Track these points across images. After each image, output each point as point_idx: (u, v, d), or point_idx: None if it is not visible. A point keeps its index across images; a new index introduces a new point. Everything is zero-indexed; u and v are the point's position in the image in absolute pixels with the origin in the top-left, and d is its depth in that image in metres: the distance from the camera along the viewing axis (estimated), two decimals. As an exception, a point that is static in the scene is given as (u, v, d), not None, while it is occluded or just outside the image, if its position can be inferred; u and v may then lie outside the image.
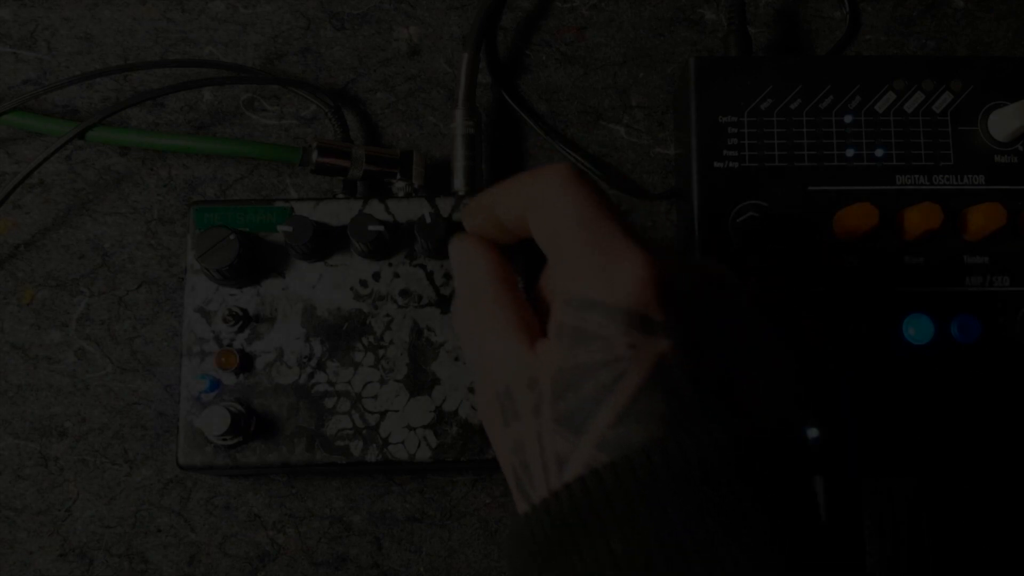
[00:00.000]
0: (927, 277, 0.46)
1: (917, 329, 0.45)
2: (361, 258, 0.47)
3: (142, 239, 0.52)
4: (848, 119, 0.47)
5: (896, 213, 0.46)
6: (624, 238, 0.32)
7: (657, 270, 0.31)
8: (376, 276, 0.47)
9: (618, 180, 0.53)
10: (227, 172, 0.53)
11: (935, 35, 0.55)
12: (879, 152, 0.47)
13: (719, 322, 0.33)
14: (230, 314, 0.45)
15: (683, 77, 0.49)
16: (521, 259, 0.42)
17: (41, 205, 0.52)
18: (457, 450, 0.45)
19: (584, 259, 0.32)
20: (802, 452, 0.34)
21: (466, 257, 0.37)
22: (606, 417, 0.30)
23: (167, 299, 0.51)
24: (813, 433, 0.46)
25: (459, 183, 0.49)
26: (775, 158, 0.47)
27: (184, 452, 0.45)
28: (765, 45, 0.55)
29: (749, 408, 0.32)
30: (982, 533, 0.46)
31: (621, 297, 0.31)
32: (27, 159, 0.53)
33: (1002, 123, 0.46)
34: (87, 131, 0.49)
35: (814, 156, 0.47)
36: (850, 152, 0.47)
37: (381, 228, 0.45)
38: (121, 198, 0.52)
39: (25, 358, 0.51)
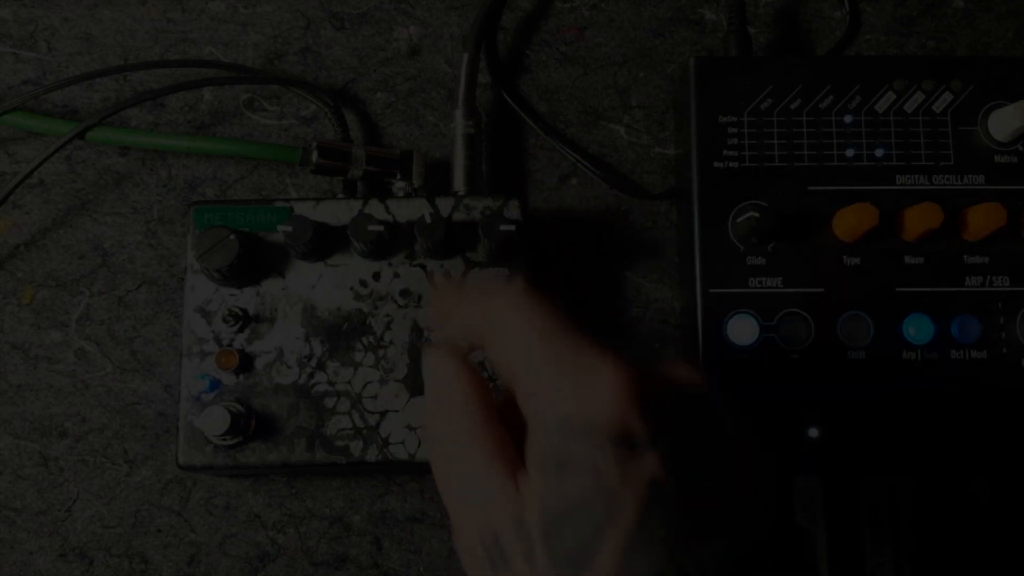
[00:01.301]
0: (927, 277, 0.46)
1: (917, 329, 0.45)
2: (361, 258, 0.47)
3: (142, 239, 0.52)
4: (848, 119, 0.47)
5: (896, 213, 0.46)
6: (592, 350, 0.30)
7: (633, 381, 0.29)
8: (376, 276, 0.47)
9: (618, 180, 0.53)
10: (227, 172, 0.53)
11: (935, 35, 0.55)
12: (879, 152, 0.47)
13: (698, 430, 0.31)
14: (230, 314, 0.45)
15: (683, 77, 0.49)
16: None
17: (41, 205, 0.52)
18: (457, 450, 0.45)
19: (553, 378, 0.29)
20: (795, 555, 0.33)
21: (441, 374, 0.34)
22: (609, 553, 0.28)
23: (167, 299, 0.51)
24: (813, 433, 0.46)
25: (459, 183, 0.49)
26: (775, 158, 0.47)
27: (184, 452, 0.45)
28: (765, 45, 0.55)
29: (740, 518, 0.31)
30: (982, 533, 0.46)
31: (601, 417, 0.28)
32: (27, 159, 0.53)
33: (1002, 123, 0.46)
34: (87, 131, 0.49)
35: (814, 156, 0.47)
36: (850, 152, 0.47)
37: (381, 228, 0.45)
38: (121, 198, 0.52)
39: (25, 358, 0.51)
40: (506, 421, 0.32)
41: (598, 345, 0.30)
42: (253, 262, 0.46)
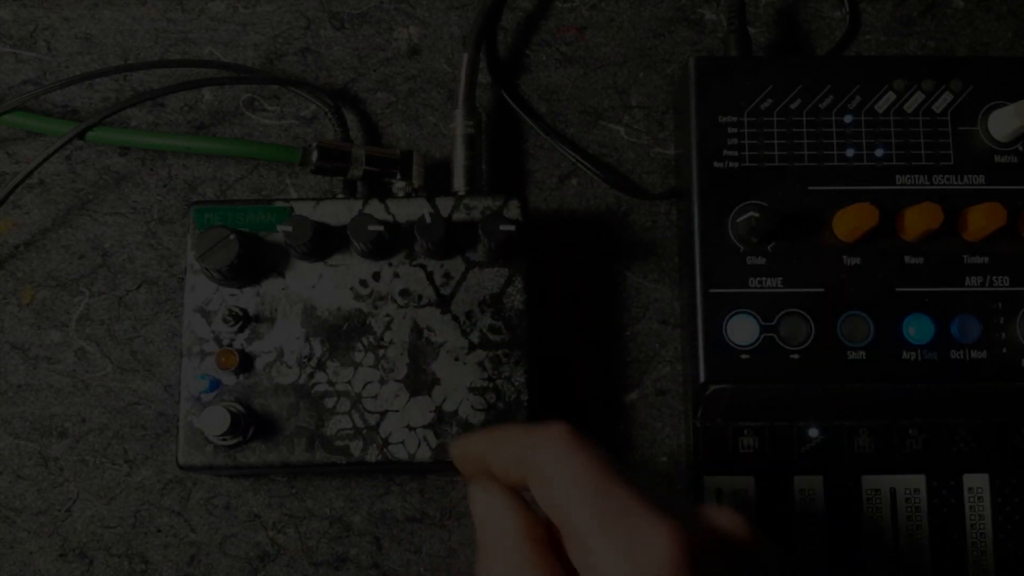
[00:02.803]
0: (927, 277, 0.46)
1: (917, 329, 0.45)
2: (361, 258, 0.47)
3: (142, 239, 0.52)
4: (848, 119, 0.47)
5: (896, 213, 0.46)
6: (642, 508, 0.30)
7: (686, 543, 0.29)
8: (376, 276, 0.47)
9: (618, 180, 0.53)
10: (227, 172, 0.53)
11: (935, 35, 0.55)
12: (879, 152, 0.47)
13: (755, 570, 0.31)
14: (230, 314, 0.45)
15: (683, 77, 0.49)
16: None
17: (41, 205, 0.52)
18: (457, 450, 0.45)
19: (606, 538, 0.29)
20: None
21: (492, 512, 0.33)
22: None
23: (167, 299, 0.51)
24: (814, 433, 0.46)
25: (459, 183, 0.49)
26: (775, 158, 0.47)
27: (184, 452, 0.45)
28: (765, 45, 0.55)
29: None
30: (982, 533, 0.46)
31: None
32: (27, 159, 0.53)
33: (1002, 123, 0.46)
34: (87, 131, 0.49)
35: (814, 156, 0.47)
36: (850, 152, 0.47)
37: (381, 228, 0.45)
38: (121, 198, 0.52)
39: (25, 358, 0.51)
40: (560, 557, 0.32)
41: (648, 501, 0.30)
42: (253, 262, 0.46)
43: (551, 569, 0.32)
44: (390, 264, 0.47)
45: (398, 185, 0.50)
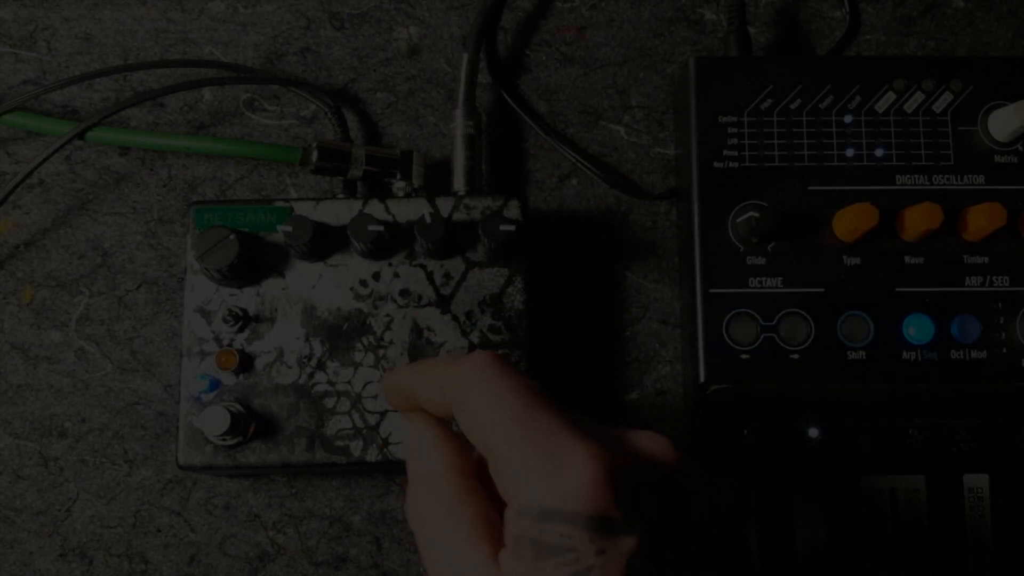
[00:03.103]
0: (927, 277, 0.46)
1: (917, 329, 0.45)
2: (361, 258, 0.47)
3: (142, 239, 0.52)
4: (848, 119, 0.47)
5: (896, 213, 0.46)
6: (563, 431, 0.30)
7: (606, 465, 0.29)
8: (376, 276, 0.47)
9: (618, 180, 0.53)
10: (227, 172, 0.53)
11: (935, 35, 0.55)
12: (879, 152, 0.47)
13: (671, 509, 0.31)
14: (230, 314, 0.45)
15: (683, 77, 0.49)
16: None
17: (41, 205, 0.52)
18: (457, 450, 0.45)
19: (526, 462, 0.29)
20: None
21: (419, 445, 0.34)
22: None
23: (167, 299, 0.51)
24: (814, 433, 0.46)
25: (459, 183, 0.49)
26: (775, 158, 0.47)
27: (184, 452, 0.45)
28: (765, 45, 0.55)
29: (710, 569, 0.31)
30: (982, 533, 0.46)
31: (577, 501, 0.28)
32: (27, 159, 0.53)
33: (1002, 123, 0.46)
34: (87, 131, 0.49)
35: (814, 156, 0.47)
36: (850, 152, 0.47)
37: (381, 228, 0.45)
38: (121, 198, 0.52)
39: (25, 358, 0.51)
40: (489, 489, 0.32)
41: (569, 425, 0.30)
42: (253, 262, 0.46)
43: (477, 499, 0.32)
44: (390, 264, 0.47)
45: (398, 185, 0.50)
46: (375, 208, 0.47)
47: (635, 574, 0.29)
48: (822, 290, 0.45)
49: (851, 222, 0.45)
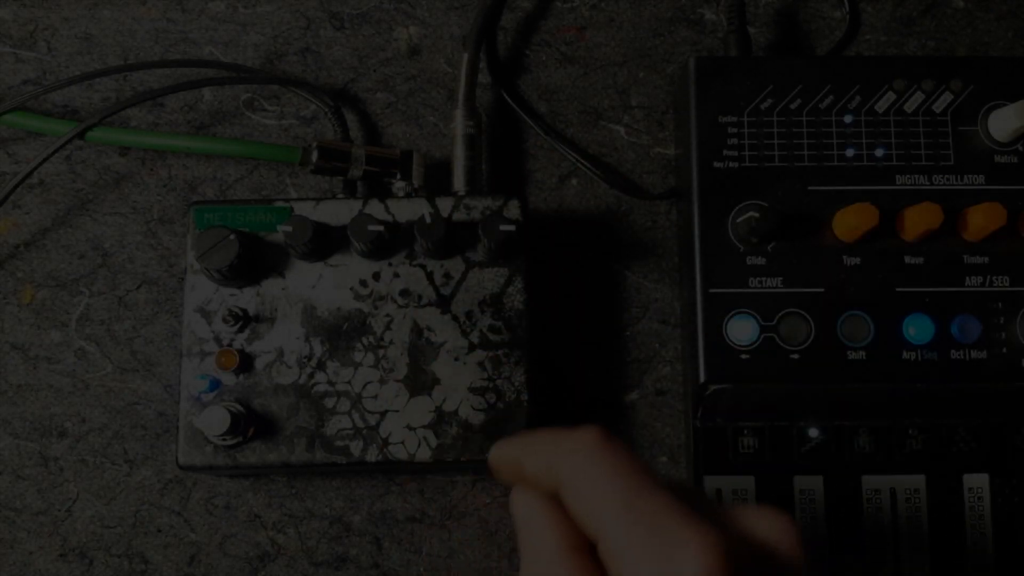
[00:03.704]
0: (927, 277, 0.46)
1: (917, 329, 0.45)
2: (361, 258, 0.47)
3: (142, 239, 0.52)
4: (848, 119, 0.47)
5: (896, 213, 0.46)
6: (674, 515, 0.29)
7: (720, 550, 0.28)
8: (376, 276, 0.47)
9: (618, 180, 0.53)
10: (227, 172, 0.53)
11: (935, 35, 0.55)
12: (879, 152, 0.47)
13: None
14: (230, 314, 0.45)
15: (683, 77, 0.49)
16: None
17: (41, 205, 0.52)
18: (457, 450, 0.45)
19: (637, 548, 0.29)
20: None
21: (530, 520, 0.33)
22: None
23: (167, 299, 0.51)
24: (814, 433, 0.46)
25: (459, 183, 0.49)
26: (775, 158, 0.47)
27: (184, 452, 0.45)
28: (765, 45, 0.55)
29: None
30: (982, 533, 0.46)
31: None
32: (27, 159, 0.53)
33: (1002, 123, 0.46)
34: (87, 131, 0.49)
35: (814, 156, 0.47)
36: (850, 152, 0.47)
37: (381, 228, 0.45)
38: (121, 198, 0.52)
39: (25, 358, 0.51)
40: (600, 565, 0.31)
41: (683, 508, 0.29)
42: (253, 262, 0.46)
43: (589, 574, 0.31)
44: (390, 264, 0.47)
45: (398, 185, 0.50)
46: (375, 208, 0.47)
47: None
48: (822, 290, 0.45)
49: (851, 222, 0.45)
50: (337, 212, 0.47)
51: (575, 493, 0.31)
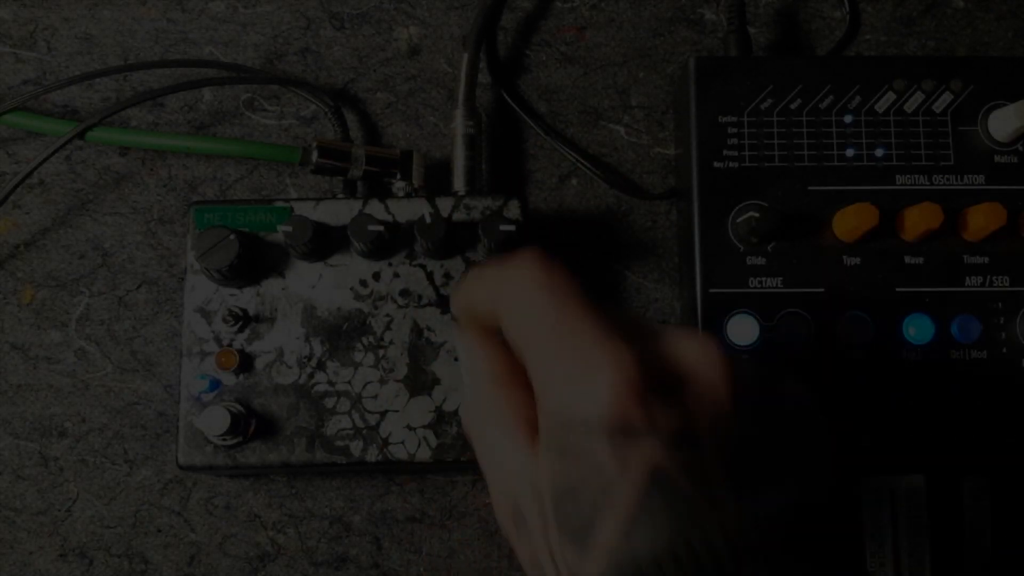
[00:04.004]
0: (927, 277, 0.46)
1: (917, 329, 0.45)
2: (361, 258, 0.47)
3: (142, 239, 0.52)
4: (848, 119, 0.47)
5: (896, 213, 0.46)
6: (591, 338, 0.29)
7: (629, 370, 0.28)
8: (376, 276, 0.47)
9: (618, 180, 0.53)
10: (227, 172, 0.53)
11: (935, 35, 0.55)
12: (879, 152, 0.47)
13: (706, 410, 0.30)
14: (230, 314, 0.45)
15: (683, 77, 0.49)
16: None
17: (41, 205, 0.52)
18: (457, 450, 0.45)
19: (554, 369, 0.30)
20: (834, 514, 0.32)
21: (469, 352, 0.35)
22: (609, 530, 0.28)
23: (167, 299, 0.51)
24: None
25: (459, 183, 0.49)
26: (775, 158, 0.47)
27: (184, 452, 0.45)
28: (765, 45, 0.55)
29: (775, 480, 0.31)
30: (982, 532, 0.46)
31: (597, 409, 0.28)
32: (27, 159, 0.53)
33: (1002, 123, 0.46)
34: (87, 131, 0.49)
35: (814, 156, 0.47)
36: (850, 152, 0.47)
37: (381, 228, 0.45)
38: (121, 198, 0.52)
39: (25, 358, 0.51)
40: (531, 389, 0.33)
41: (604, 328, 0.29)
42: (253, 262, 0.46)
43: (518, 397, 0.32)
44: (390, 264, 0.47)
45: (398, 185, 0.50)
46: (375, 208, 0.47)
47: (662, 480, 0.28)
48: (822, 290, 0.45)
49: (851, 222, 0.45)
50: (337, 212, 0.47)
51: (509, 320, 0.32)
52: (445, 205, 0.47)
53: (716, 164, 0.47)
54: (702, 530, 0.28)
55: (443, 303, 0.46)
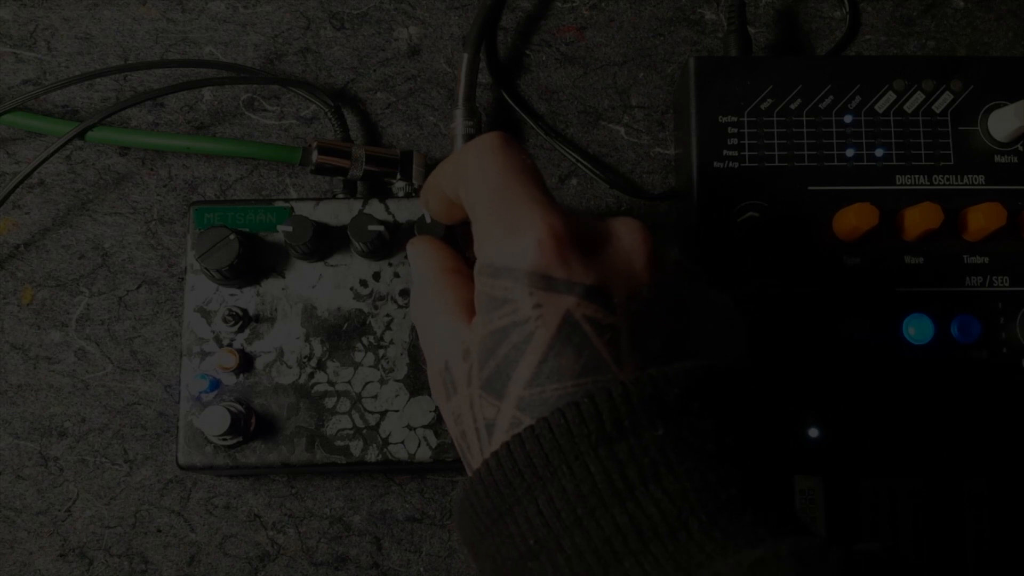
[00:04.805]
0: (927, 277, 0.46)
1: (917, 329, 0.45)
2: (361, 258, 0.47)
3: (142, 239, 0.52)
4: (848, 119, 0.47)
5: (896, 213, 0.46)
6: (528, 202, 0.33)
7: (555, 229, 0.32)
8: (376, 276, 0.47)
9: (618, 180, 0.53)
10: (227, 172, 0.53)
11: (935, 35, 0.55)
12: (879, 152, 0.47)
13: (636, 273, 0.33)
14: (230, 314, 0.45)
15: (683, 77, 0.49)
16: None
17: (41, 205, 0.52)
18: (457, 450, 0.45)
19: (492, 227, 0.33)
20: (739, 390, 0.33)
21: (417, 254, 0.39)
22: (522, 378, 0.31)
23: (167, 299, 0.51)
24: (814, 433, 0.46)
25: (459, 183, 0.49)
26: (775, 158, 0.47)
27: (184, 452, 0.45)
28: (765, 45, 0.55)
29: (684, 352, 0.33)
30: (982, 533, 0.46)
31: (523, 260, 0.32)
32: (27, 159, 0.53)
33: (1002, 123, 0.46)
34: (87, 131, 0.49)
35: (814, 156, 0.47)
36: (850, 152, 0.47)
37: (381, 228, 0.45)
38: (121, 198, 0.52)
39: (25, 358, 0.51)
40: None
41: (540, 197, 0.33)
42: (253, 262, 0.46)
43: (460, 285, 0.36)
44: (390, 264, 0.47)
45: (398, 185, 0.50)
46: (375, 208, 0.47)
47: (574, 330, 0.31)
48: (822, 290, 0.45)
49: (851, 222, 0.45)
50: (337, 212, 0.47)
51: (464, 186, 0.35)
52: (445, 205, 0.47)
53: (716, 164, 0.47)
54: (604, 381, 0.30)
55: (443, 303, 0.46)
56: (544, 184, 0.34)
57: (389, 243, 0.46)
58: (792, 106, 0.47)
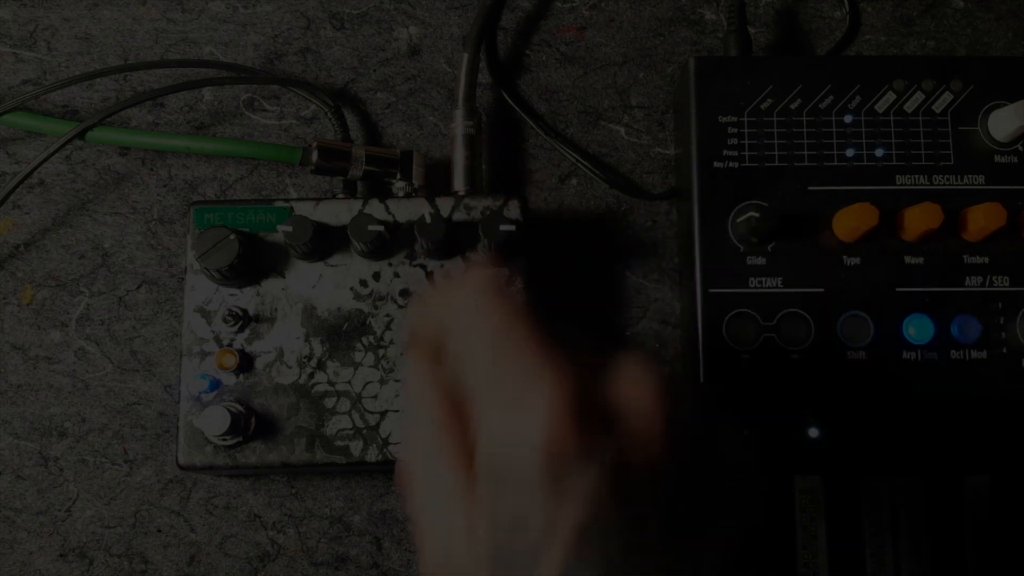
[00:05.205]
0: (927, 277, 0.46)
1: (917, 329, 0.45)
2: (361, 258, 0.47)
3: (142, 239, 0.52)
4: (848, 119, 0.47)
5: (896, 213, 0.46)
6: (533, 360, 0.29)
7: (570, 398, 0.28)
8: (376, 276, 0.47)
9: (618, 180, 0.53)
10: (227, 172, 0.53)
11: (935, 35, 0.55)
12: (879, 152, 0.47)
13: (641, 443, 0.30)
14: (230, 314, 0.45)
15: (683, 77, 0.49)
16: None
17: (41, 205, 0.52)
18: (457, 450, 0.45)
19: (493, 392, 0.30)
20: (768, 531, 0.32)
21: (412, 376, 0.35)
22: (550, 565, 0.28)
23: (167, 299, 0.51)
24: (814, 433, 0.46)
25: (459, 183, 0.49)
26: (775, 158, 0.47)
27: (184, 452, 0.45)
28: (765, 45, 0.55)
29: (704, 526, 0.31)
30: (982, 533, 0.46)
31: (535, 436, 0.28)
32: (27, 159, 0.53)
33: (1002, 123, 0.46)
34: (87, 131, 0.49)
35: (814, 156, 0.47)
36: (850, 152, 0.47)
37: (381, 228, 0.45)
38: (121, 198, 0.52)
39: (25, 358, 0.51)
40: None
41: (543, 352, 0.30)
42: (253, 262, 0.46)
43: (458, 427, 0.32)
44: (390, 264, 0.47)
45: (398, 185, 0.50)
46: (375, 208, 0.47)
47: (596, 509, 0.28)
48: (822, 290, 0.45)
49: (851, 222, 0.45)
50: (337, 212, 0.47)
51: (452, 345, 0.32)
52: (445, 205, 0.47)
53: (716, 164, 0.47)
54: (635, 569, 0.28)
55: (443, 303, 0.46)
56: (539, 330, 0.31)
57: (389, 243, 0.46)
58: (792, 106, 0.47)
